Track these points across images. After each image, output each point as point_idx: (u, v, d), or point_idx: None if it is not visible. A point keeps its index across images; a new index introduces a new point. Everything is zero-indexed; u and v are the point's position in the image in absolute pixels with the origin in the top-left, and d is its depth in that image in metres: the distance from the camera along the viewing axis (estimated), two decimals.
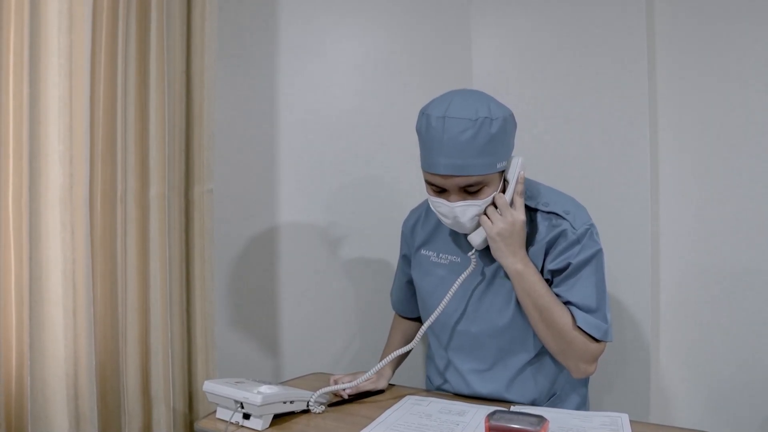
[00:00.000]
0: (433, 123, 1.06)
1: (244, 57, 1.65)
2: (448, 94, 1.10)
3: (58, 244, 1.11)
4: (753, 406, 1.51)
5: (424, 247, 1.27)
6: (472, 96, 1.09)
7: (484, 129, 1.04)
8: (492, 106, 1.07)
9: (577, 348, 1.11)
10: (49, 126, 1.10)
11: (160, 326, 1.30)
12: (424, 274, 1.26)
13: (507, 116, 1.08)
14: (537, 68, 1.70)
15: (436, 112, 1.06)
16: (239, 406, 1.05)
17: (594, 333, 1.10)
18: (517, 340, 1.17)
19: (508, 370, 1.19)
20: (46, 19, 1.08)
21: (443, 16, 1.78)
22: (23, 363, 1.09)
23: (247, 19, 1.65)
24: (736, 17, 1.49)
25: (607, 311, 1.14)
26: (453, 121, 1.04)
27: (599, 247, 1.14)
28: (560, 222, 1.13)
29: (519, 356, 1.18)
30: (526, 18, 1.71)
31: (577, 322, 1.10)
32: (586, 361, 1.13)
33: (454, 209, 1.09)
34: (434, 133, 1.05)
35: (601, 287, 1.13)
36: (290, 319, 1.69)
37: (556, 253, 1.13)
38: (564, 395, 1.21)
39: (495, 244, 1.10)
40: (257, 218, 1.66)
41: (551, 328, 1.11)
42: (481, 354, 1.20)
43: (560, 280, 1.13)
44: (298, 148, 1.67)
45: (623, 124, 1.58)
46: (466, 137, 1.03)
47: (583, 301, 1.11)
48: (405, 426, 1.06)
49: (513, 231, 1.09)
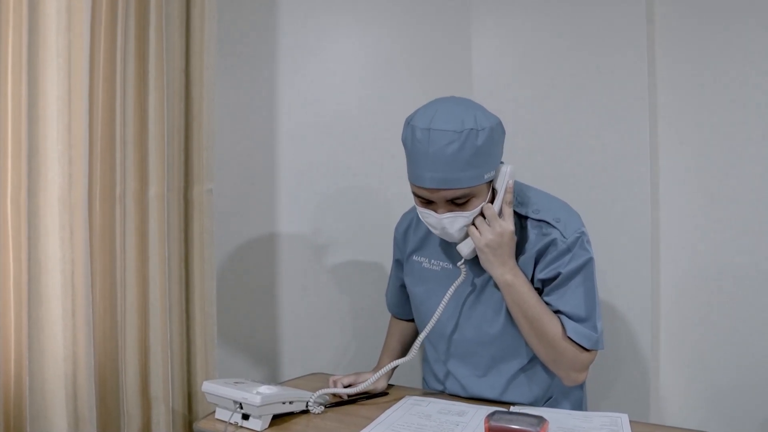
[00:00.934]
0: (418, 135, 1.03)
1: (243, 57, 1.64)
2: (433, 103, 1.08)
3: (56, 244, 1.10)
4: (753, 407, 1.51)
5: (416, 254, 1.26)
6: (458, 106, 1.06)
7: (470, 141, 1.01)
8: (478, 115, 1.04)
9: (567, 357, 1.11)
10: (48, 126, 1.09)
11: (159, 326, 1.30)
12: (417, 280, 1.26)
13: (494, 125, 1.05)
14: (537, 68, 1.69)
15: (421, 123, 1.04)
16: (238, 406, 1.05)
17: (584, 343, 1.10)
18: (509, 348, 1.17)
19: (502, 376, 1.19)
20: (44, 18, 1.08)
21: (443, 17, 1.78)
22: (22, 363, 1.08)
23: (247, 19, 1.65)
24: (735, 15, 1.49)
25: (598, 320, 1.12)
26: (438, 133, 1.01)
27: (590, 255, 1.12)
28: (550, 231, 1.12)
29: (512, 363, 1.18)
30: (526, 18, 1.71)
31: (567, 332, 1.10)
32: (577, 370, 1.13)
33: (442, 221, 1.08)
34: (419, 146, 1.03)
35: (591, 296, 1.12)
36: (289, 319, 1.68)
37: (546, 263, 1.12)
38: (561, 397, 1.21)
39: (484, 255, 1.09)
40: (257, 218, 1.66)
41: (541, 338, 1.11)
42: (475, 361, 1.20)
43: (550, 290, 1.12)
44: (297, 148, 1.67)
45: (623, 124, 1.58)
46: (452, 150, 1.01)
47: (573, 311, 1.11)
48: (404, 426, 1.05)
49: (502, 242, 1.08)
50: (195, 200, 1.41)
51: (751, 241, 1.50)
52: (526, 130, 1.66)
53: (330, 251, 1.71)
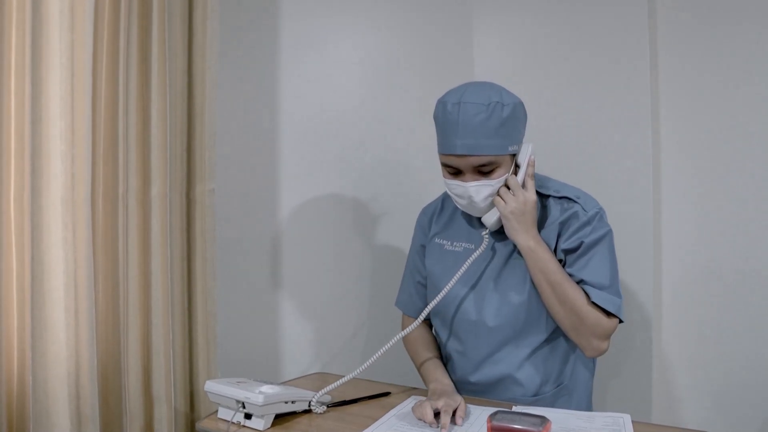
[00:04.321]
0: (449, 108, 1.14)
1: (245, 56, 1.64)
2: (463, 85, 1.18)
3: (59, 244, 1.11)
4: (756, 406, 1.51)
5: (438, 236, 1.32)
6: (485, 85, 1.17)
7: (496, 113, 1.12)
8: (503, 93, 1.15)
9: (589, 324, 1.14)
10: (51, 125, 1.10)
11: (161, 326, 1.30)
12: (437, 260, 1.30)
13: (517, 103, 1.16)
14: (538, 66, 1.69)
15: (452, 99, 1.15)
16: (241, 406, 1.05)
17: (609, 307, 1.13)
18: (533, 319, 1.20)
19: (520, 351, 1.21)
20: (47, 18, 1.08)
21: (445, 14, 1.78)
22: (25, 362, 1.09)
23: (249, 18, 1.64)
24: (738, 15, 1.49)
25: (620, 288, 1.18)
26: (468, 105, 1.12)
27: (609, 228, 1.19)
28: (572, 205, 1.19)
29: (532, 337, 1.21)
30: (528, 16, 1.71)
31: (591, 298, 1.13)
32: (599, 337, 1.16)
33: (469, 189, 1.15)
34: (450, 117, 1.13)
35: (613, 265, 1.18)
36: (292, 318, 1.68)
37: (569, 234, 1.18)
38: (572, 386, 1.23)
39: (508, 223, 1.15)
40: (259, 217, 1.66)
41: (564, 303, 1.14)
42: (491, 335, 1.22)
43: (573, 259, 1.17)
44: (299, 147, 1.67)
45: (625, 122, 1.58)
46: (480, 119, 1.11)
47: (597, 279, 1.15)
48: (407, 426, 1.05)
49: (525, 210, 1.15)
50: (197, 200, 1.41)
51: (753, 241, 1.49)
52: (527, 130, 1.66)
53: (332, 250, 1.71)
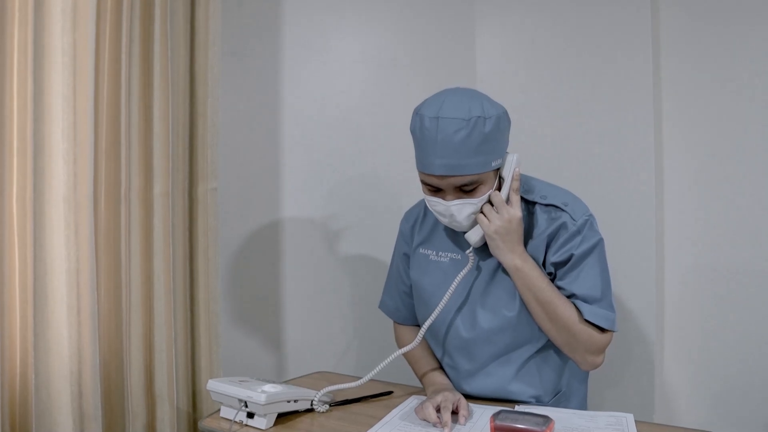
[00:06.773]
0: (427, 123, 1.05)
1: (247, 55, 1.64)
2: (440, 94, 1.10)
3: (62, 243, 1.11)
4: (758, 407, 1.50)
5: (423, 246, 1.27)
6: (465, 95, 1.08)
7: (477, 128, 1.04)
8: (485, 104, 1.07)
9: (582, 340, 1.11)
10: (53, 124, 1.10)
11: (164, 324, 1.30)
12: (423, 273, 1.25)
13: (500, 114, 1.08)
14: (540, 67, 1.69)
15: (429, 112, 1.06)
16: (243, 404, 1.05)
17: (602, 323, 1.10)
18: (525, 333, 1.17)
19: (512, 364, 1.18)
20: (49, 17, 1.08)
21: (447, 15, 1.78)
22: (27, 361, 1.09)
23: (251, 17, 1.64)
24: (740, 16, 1.48)
25: (612, 300, 1.14)
26: (446, 121, 1.04)
27: (600, 237, 1.14)
28: (560, 214, 1.13)
29: (524, 348, 1.17)
30: (530, 17, 1.70)
31: (584, 315, 1.10)
32: (593, 353, 1.13)
33: (450, 208, 1.09)
34: (428, 133, 1.05)
35: (605, 276, 1.13)
36: (294, 317, 1.68)
37: (558, 246, 1.13)
38: (569, 392, 1.21)
39: (493, 242, 1.10)
40: (261, 216, 1.66)
41: (555, 321, 1.11)
42: (484, 350, 1.19)
43: (563, 273, 1.13)
44: (302, 147, 1.67)
45: (628, 122, 1.57)
46: (460, 137, 1.03)
47: (588, 292, 1.11)
48: (410, 426, 1.05)
49: (510, 228, 1.09)
50: (200, 198, 1.41)
51: (756, 241, 1.49)
52: (528, 131, 1.66)
53: (334, 249, 1.71)
